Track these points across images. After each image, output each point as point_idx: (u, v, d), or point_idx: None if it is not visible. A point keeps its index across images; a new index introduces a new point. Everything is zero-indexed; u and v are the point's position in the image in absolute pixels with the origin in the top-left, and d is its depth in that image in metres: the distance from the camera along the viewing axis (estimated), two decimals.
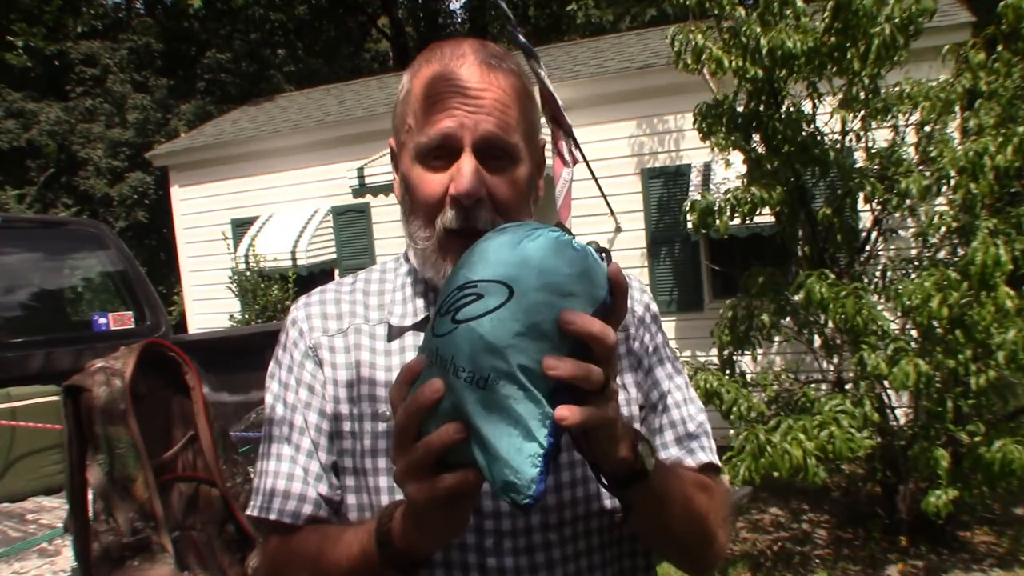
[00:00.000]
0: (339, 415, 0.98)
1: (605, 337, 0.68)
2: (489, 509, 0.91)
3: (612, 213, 7.13)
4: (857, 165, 4.64)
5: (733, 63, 4.18)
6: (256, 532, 1.98)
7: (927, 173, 4.14)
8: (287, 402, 1.02)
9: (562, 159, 5.30)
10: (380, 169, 7.71)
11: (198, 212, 9.81)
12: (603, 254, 0.72)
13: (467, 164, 0.89)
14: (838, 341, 4.47)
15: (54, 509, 3.65)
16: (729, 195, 4.29)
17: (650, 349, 1.05)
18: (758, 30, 4.04)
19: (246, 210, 9.42)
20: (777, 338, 4.78)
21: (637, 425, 1.00)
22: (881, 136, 4.63)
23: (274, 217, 9.18)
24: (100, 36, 14.95)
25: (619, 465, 0.78)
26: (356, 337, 1.00)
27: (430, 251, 0.93)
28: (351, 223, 9.00)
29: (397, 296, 1.03)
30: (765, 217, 4.82)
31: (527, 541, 0.91)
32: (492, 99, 0.90)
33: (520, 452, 0.68)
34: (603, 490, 0.91)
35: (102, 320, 4.84)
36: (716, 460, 1.03)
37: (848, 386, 4.39)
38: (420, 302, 1.00)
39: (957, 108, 4.36)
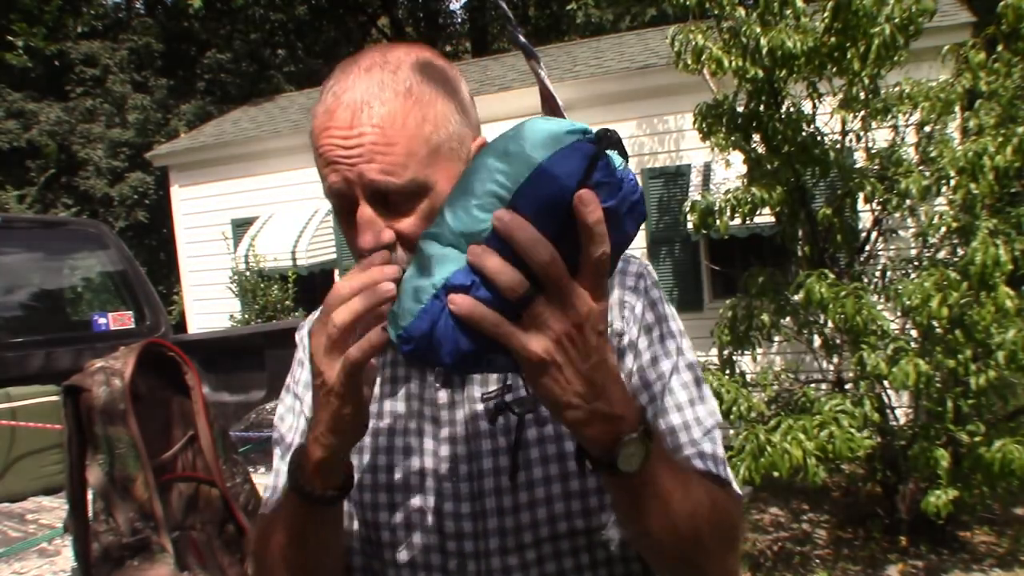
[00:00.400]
0: None
1: (533, 252, 0.62)
2: (451, 530, 0.89)
3: None
4: (857, 165, 4.64)
5: (733, 63, 4.18)
6: None
7: (927, 173, 4.14)
8: (287, 422, 1.04)
9: None
10: None
11: (198, 212, 9.81)
12: (615, 149, 0.65)
13: (362, 215, 0.84)
14: (838, 341, 4.47)
15: (54, 509, 3.65)
16: (729, 195, 4.29)
17: (644, 324, 0.95)
18: (758, 30, 4.04)
19: (246, 210, 9.42)
20: (777, 338, 4.78)
21: None
22: (881, 136, 4.63)
23: (274, 217, 9.18)
24: (100, 36, 14.94)
25: (589, 446, 0.71)
26: None
27: None
28: None
29: None
30: (765, 217, 4.82)
31: (487, 565, 0.89)
32: (369, 144, 0.82)
33: (412, 289, 0.67)
34: (573, 510, 0.88)
35: (102, 320, 4.85)
36: (723, 472, 0.92)
37: (848, 386, 4.39)
38: None
39: (957, 108, 4.36)
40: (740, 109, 4.46)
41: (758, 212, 4.29)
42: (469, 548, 0.89)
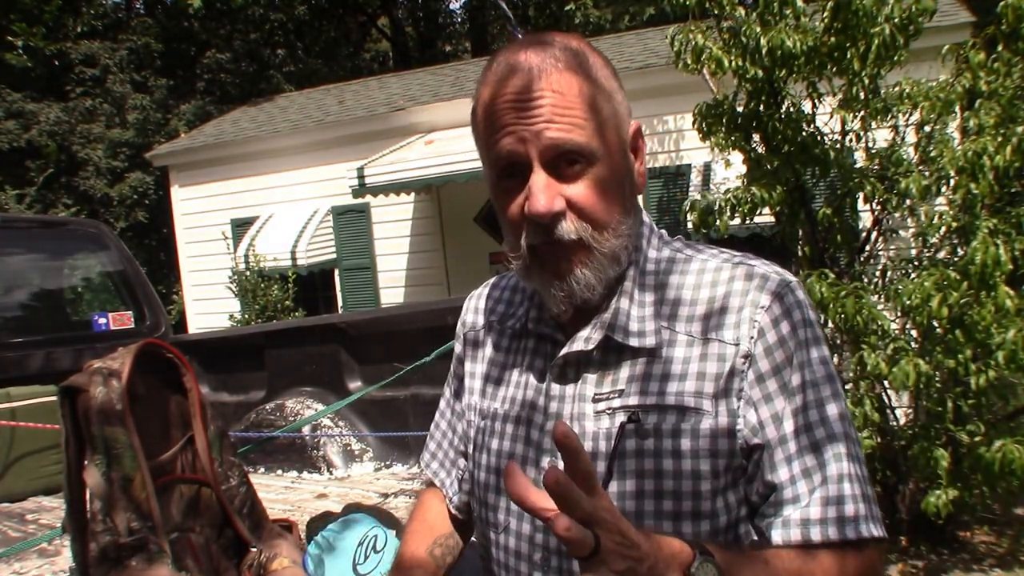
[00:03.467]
0: (467, 405, 1.09)
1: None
2: (541, 524, 0.89)
3: None
4: (857, 165, 4.63)
5: (733, 63, 4.18)
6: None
7: (927, 173, 4.13)
8: (445, 387, 1.19)
9: None
10: (380, 169, 7.71)
11: (198, 212, 9.81)
12: None
13: (536, 181, 0.87)
14: (838, 341, 4.46)
15: (54, 509, 3.65)
16: (729, 195, 4.28)
17: (774, 360, 0.87)
18: (758, 30, 4.04)
19: (246, 210, 9.42)
20: None
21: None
22: (881, 136, 4.62)
23: (274, 217, 9.18)
24: (100, 36, 14.94)
25: None
26: (490, 335, 1.09)
27: (521, 267, 0.94)
28: (351, 223, 9.00)
29: (517, 298, 1.09)
30: (765, 217, 4.82)
31: (568, 565, 0.91)
32: (549, 105, 0.86)
33: None
34: (663, 530, 0.83)
35: (102, 320, 4.85)
36: (844, 532, 0.83)
37: (848, 386, 4.39)
38: (523, 308, 1.05)
39: (957, 108, 4.35)
40: (740, 109, 4.46)
41: (758, 212, 4.28)
42: (554, 544, 0.91)
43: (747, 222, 4.48)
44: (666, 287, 0.94)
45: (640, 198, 0.98)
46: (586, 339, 0.92)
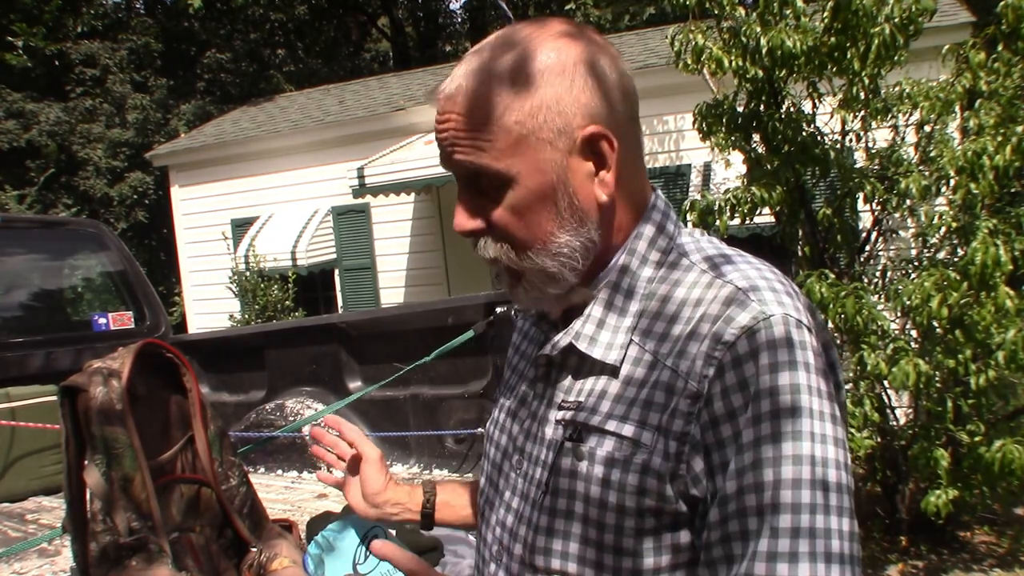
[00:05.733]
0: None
1: None
2: (510, 522, 0.92)
3: None
4: (857, 165, 4.63)
5: (733, 63, 4.18)
6: None
7: (927, 173, 4.13)
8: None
9: None
10: (380, 169, 7.72)
11: (198, 212, 9.81)
12: None
13: (458, 198, 0.88)
14: (838, 341, 4.46)
15: (54, 509, 3.65)
16: (729, 195, 4.28)
17: (712, 415, 0.76)
18: (758, 30, 4.04)
19: (246, 210, 9.42)
20: None
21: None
22: (881, 136, 4.62)
23: (274, 217, 9.18)
24: (100, 36, 14.94)
25: None
26: (522, 323, 1.09)
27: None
28: (351, 223, 9.00)
29: None
30: (765, 217, 4.82)
31: (516, 569, 0.91)
32: (452, 129, 0.83)
33: None
34: (587, 558, 0.82)
35: (102, 320, 4.84)
36: None
37: (848, 386, 4.38)
38: None
39: (957, 108, 4.35)
40: (740, 109, 4.46)
41: (758, 212, 4.28)
42: (506, 541, 0.91)
43: (747, 222, 4.47)
44: (655, 298, 0.85)
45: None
46: (553, 344, 0.89)
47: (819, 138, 4.36)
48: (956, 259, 4.07)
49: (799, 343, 0.75)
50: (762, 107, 4.35)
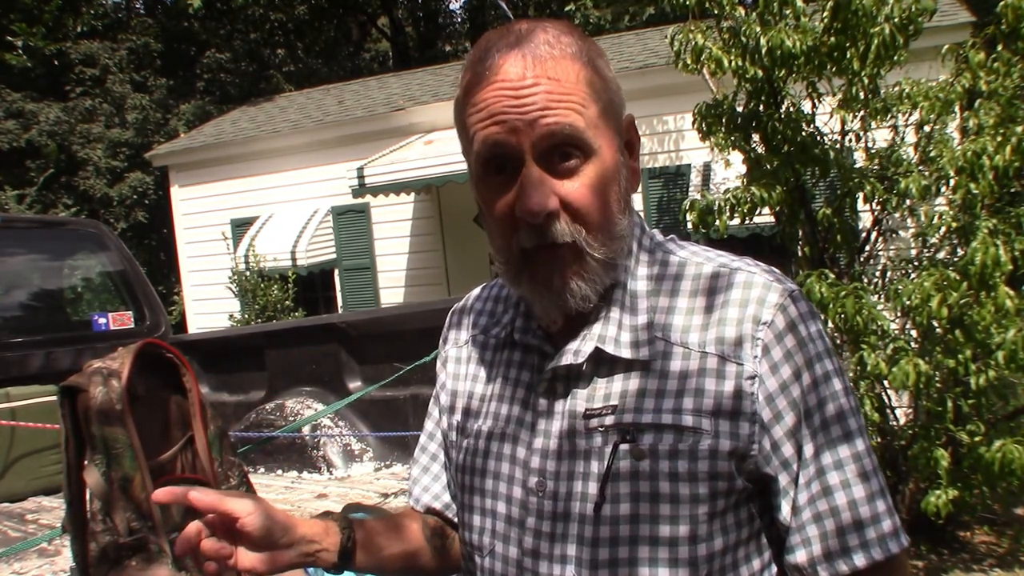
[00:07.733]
0: (449, 425, 1.01)
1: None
2: (529, 546, 0.87)
3: None
4: (857, 165, 4.63)
5: (733, 63, 4.18)
6: None
7: (927, 173, 4.13)
8: (426, 419, 1.10)
9: None
10: (380, 169, 7.72)
11: (198, 212, 9.81)
12: None
13: (529, 176, 0.79)
14: (838, 341, 4.46)
15: (54, 509, 3.65)
16: (729, 195, 4.28)
17: (767, 392, 0.82)
18: (758, 30, 4.04)
19: (246, 210, 9.42)
20: None
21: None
22: (881, 136, 4.62)
23: (274, 217, 9.18)
24: (100, 36, 14.95)
25: None
26: (474, 348, 1.00)
27: (508, 272, 0.87)
28: (351, 223, 9.00)
29: (500, 307, 1.01)
30: (765, 217, 4.82)
31: None
32: (544, 92, 0.78)
33: None
34: (659, 557, 0.81)
35: (102, 320, 4.85)
36: (888, 550, 0.82)
37: None
38: (508, 316, 0.98)
39: (957, 108, 4.35)
40: (740, 109, 4.46)
41: (758, 212, 4.28)
42: (544, 570, 0.85)
43: (747, 222, 4.48)
44: (661, 293, 0.87)
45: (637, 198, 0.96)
46: (575, 352, 0.85)
47: (819, 138, 4.36)
48: (956, 259, 4.07)
49: (811, 312, 0.85)
50: (762, 107, 4.35)
